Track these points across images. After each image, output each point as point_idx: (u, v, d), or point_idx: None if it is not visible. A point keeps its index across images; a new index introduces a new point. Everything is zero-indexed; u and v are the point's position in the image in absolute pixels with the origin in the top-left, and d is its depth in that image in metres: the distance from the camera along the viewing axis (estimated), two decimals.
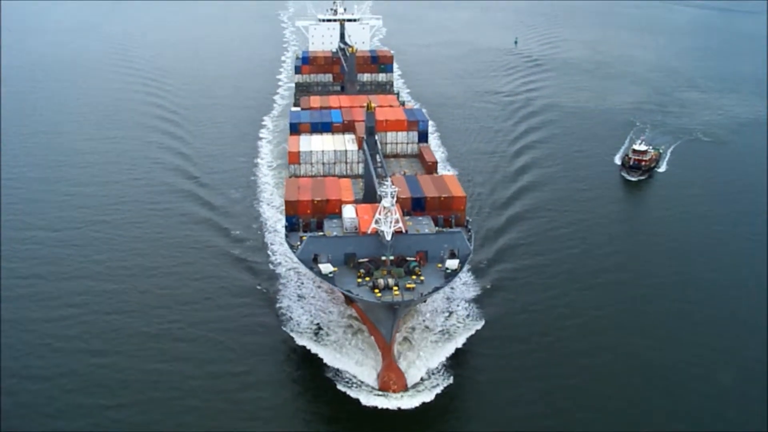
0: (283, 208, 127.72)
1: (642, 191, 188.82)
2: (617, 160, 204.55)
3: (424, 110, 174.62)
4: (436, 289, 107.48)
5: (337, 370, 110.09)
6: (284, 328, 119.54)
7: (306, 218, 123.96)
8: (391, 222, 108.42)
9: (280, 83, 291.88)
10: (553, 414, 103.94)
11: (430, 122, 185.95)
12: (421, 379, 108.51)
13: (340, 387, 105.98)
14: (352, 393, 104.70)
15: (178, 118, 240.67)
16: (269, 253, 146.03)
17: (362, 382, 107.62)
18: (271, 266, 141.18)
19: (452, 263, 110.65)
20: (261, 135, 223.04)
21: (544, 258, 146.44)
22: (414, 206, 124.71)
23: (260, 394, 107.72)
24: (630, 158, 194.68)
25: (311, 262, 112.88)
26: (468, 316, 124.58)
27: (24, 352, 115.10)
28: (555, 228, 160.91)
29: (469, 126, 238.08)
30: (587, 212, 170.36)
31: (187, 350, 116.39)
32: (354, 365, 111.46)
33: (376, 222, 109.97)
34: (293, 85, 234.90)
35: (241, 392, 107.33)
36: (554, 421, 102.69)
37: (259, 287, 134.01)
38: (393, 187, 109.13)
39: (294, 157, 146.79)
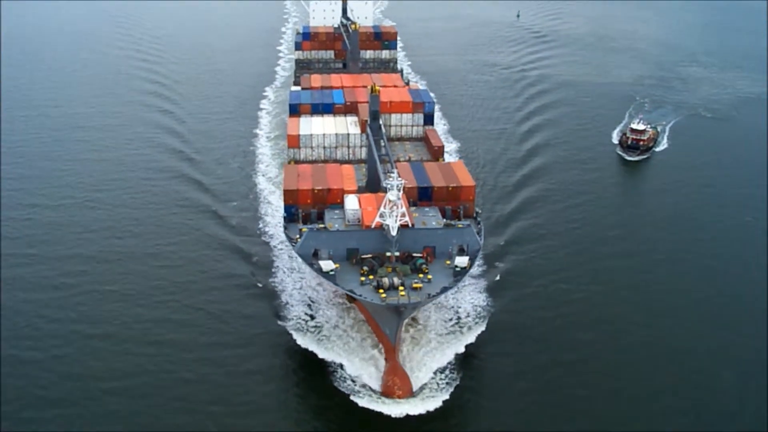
0: (282, 196, 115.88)
1: (641, 172, 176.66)
2: (615, 139, 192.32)
3: (432, 94, 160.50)
4: (445, 290, 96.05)
5: (337, 368, 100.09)
6: (281, 323, 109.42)
7: (306, 208, 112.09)
8: (396, 216, 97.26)
9: (280, 55, 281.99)
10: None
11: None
12: (427, 382, 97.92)
13: (340, 389, 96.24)
14: (354, 397, 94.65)
15: (176, 89, 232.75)
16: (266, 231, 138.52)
17: (365, 386, 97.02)
18: (265, 239, 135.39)
19: (461, 260, 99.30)
20: (262, 106, 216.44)
21: (538, 244, 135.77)
22: (420, 196, 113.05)
23: (251, 383, 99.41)
24: (628, 137, 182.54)
25: (311, 258, 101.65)
26: (475, 307, 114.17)
27: (15, 334, 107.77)
28: (550, 212, 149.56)
29: (468, 100, 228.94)
30: (585, 194, 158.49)
31: (183, 332, 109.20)
32: (356, 366, 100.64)
33: (381, 216, 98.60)
34: (293, 60, 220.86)
35: (235, 378, 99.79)
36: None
37: (255, 259, 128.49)
38: (399, 179, 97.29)
39: (293, 141, 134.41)
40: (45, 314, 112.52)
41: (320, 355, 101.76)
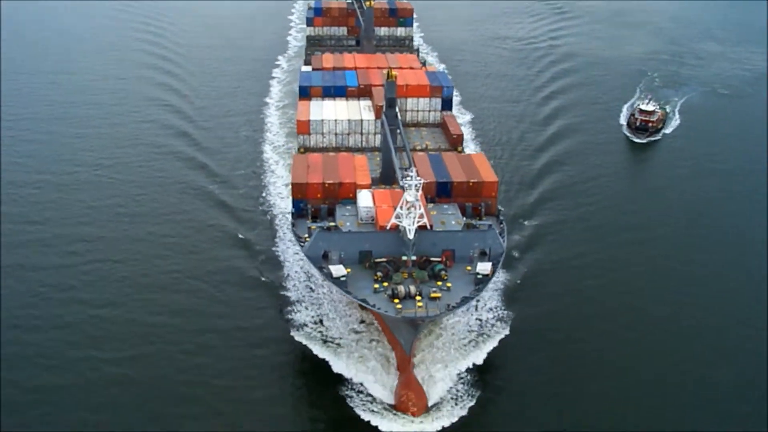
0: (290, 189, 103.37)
1: (649, 156, 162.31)
2: (622, 120, 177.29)
3: (449, 77, 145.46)
4: (466, 300, 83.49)
5: (346, 380, 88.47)
6: (285, 293, 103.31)
7: (316, 203, 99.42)
8: (414, 218, 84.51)
9: (291, 24, 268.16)
10: None
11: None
12: (443, 396, 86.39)
13: (348, 401, 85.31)
14: (363, 412, 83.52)
15: (187, 56, 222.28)
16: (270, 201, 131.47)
17: (375, 399, 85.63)
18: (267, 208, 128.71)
19: (484, 267, 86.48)
20: (274, 74, 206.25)
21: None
22: (439, 192, 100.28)
23: (256, 357, 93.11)
24: (636, 119, 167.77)
25: (321, 260, 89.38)
26: (496, 309, 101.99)
27: (18, 302, 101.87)
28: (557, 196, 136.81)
29: (481, 70, 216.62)
30: (589, 181, 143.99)
31: (186, 303, 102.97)
32: (366, 375, 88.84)
33: (397, 217, 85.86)
34: (305, 36, 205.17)
35: (237, 351, 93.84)
36: None
37: (260, 228, 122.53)
38: (418, 179, 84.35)
39: (303, 127, 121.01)
40: (49, 283, 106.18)
41: (327, 360, 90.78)
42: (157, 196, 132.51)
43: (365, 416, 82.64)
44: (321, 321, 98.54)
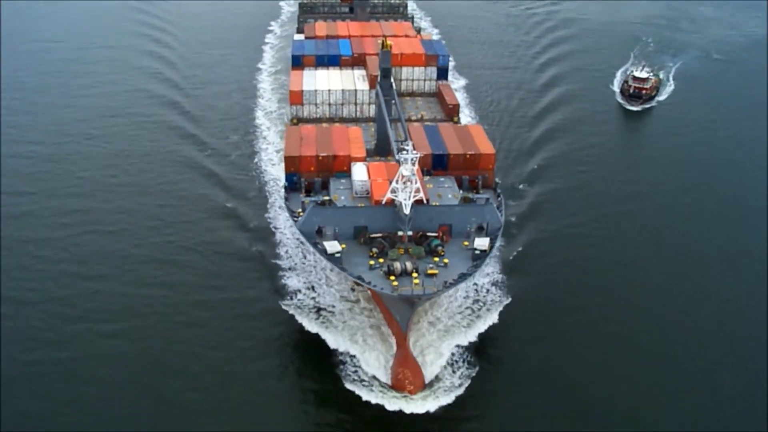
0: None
1: (644, 124, 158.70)
2: (615, 87, 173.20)
3: (444, 43, 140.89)
4: (463, 277, 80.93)
5: (340, 353, 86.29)
6: (277, 261, 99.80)
7: (309, 177, 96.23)
8: (410, 192, 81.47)
9: None
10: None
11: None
12: (440, 373, 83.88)
13: (343, 378, 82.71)
14: (357, 388, 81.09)
15: (174, 25, 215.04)
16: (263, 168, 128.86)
17: (373, 379, 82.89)
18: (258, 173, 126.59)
19: (481, 242, 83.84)
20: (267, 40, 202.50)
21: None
22: (435, 164, 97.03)
23: (251, 328, 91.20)
24: (630, 86, 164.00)
25: (314, 236, 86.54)
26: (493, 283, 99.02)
27: (11, 275, 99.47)
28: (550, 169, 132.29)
29: (476, 37, 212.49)
30: (582, 150, 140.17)
31: (180, 274, 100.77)
32: (361, 352, 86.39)
33: (393, 191, 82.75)
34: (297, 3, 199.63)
35: (232, 322, 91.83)
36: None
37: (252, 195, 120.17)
38: (414, 152, 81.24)
39: (296, 97, 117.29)
40: (41, 255, 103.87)
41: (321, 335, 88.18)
42: (148, 166, 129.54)
43: (360, 392, 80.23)
44: (313, 287, 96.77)
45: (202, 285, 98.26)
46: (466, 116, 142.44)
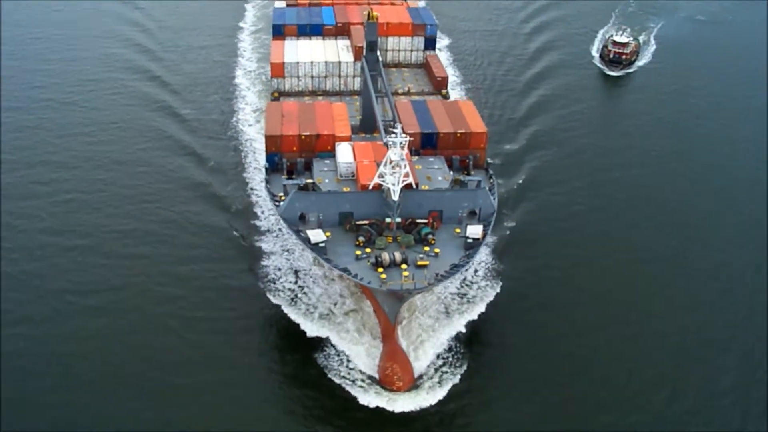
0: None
1: (624, 91, 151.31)
2: (594, 51, 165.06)
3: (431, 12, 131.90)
4: (455, 268, 74.36)
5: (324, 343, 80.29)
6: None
7: (291, 157, 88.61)
8: (399, 177, 74.48)
9: None
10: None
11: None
12: (427, 368, 78.01)
13: (327, 371, 77.27)
14: (342, 382, 75.63)
15: None
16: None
17: (360, 374, 76.78)
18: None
19: (474, 230, 77.15)
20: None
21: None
22: (424, 143, 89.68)
23: (230, 299, 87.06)
24: (609, 51, 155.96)
25: (297, 222, 79.54)
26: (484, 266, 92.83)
27: None
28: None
29: None
30: (562, 117, 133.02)
31: (158, 245, 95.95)
32: (347, 344, 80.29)
33: (380, 176, 75.65)
34: None
35: (213, 293, 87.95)
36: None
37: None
38: (403, 136, 74.06)
39: (278, 70, 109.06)
40: (16, 225, 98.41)
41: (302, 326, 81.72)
42: (126, 125, 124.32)
43: (348, 387, 74.69)
44: (296, 272, 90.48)
45: (180, 256, 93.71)
46: (451, 86, 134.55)
